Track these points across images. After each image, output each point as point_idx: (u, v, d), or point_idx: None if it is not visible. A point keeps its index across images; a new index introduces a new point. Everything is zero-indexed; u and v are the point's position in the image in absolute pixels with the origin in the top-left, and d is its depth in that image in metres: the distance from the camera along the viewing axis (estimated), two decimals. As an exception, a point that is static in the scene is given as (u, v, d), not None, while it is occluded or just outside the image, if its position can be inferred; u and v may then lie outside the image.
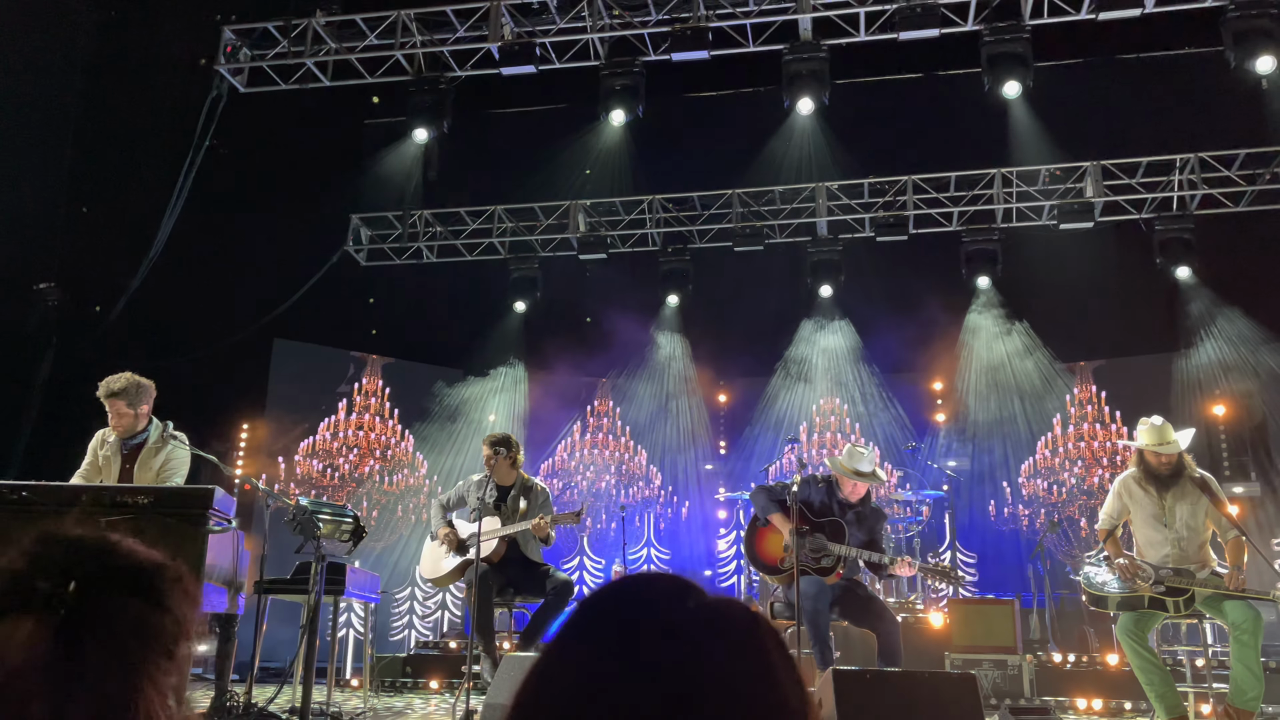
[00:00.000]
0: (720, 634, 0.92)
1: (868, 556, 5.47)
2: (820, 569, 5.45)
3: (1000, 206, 12.17)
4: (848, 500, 5.66)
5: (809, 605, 5.28)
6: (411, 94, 10.93)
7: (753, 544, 5.72)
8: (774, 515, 5.58)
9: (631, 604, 0.96)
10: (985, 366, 12.64)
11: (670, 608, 0.94)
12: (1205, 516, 5.46)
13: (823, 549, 5.45)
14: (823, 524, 5.53)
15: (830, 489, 5.69)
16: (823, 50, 10.17)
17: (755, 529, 5.74)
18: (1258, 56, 9.22)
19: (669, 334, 13.41)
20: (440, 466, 12.47)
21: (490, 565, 5.90)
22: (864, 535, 5.59)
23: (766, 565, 5.65)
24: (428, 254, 13.40)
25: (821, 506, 5.63)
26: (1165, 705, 5.09)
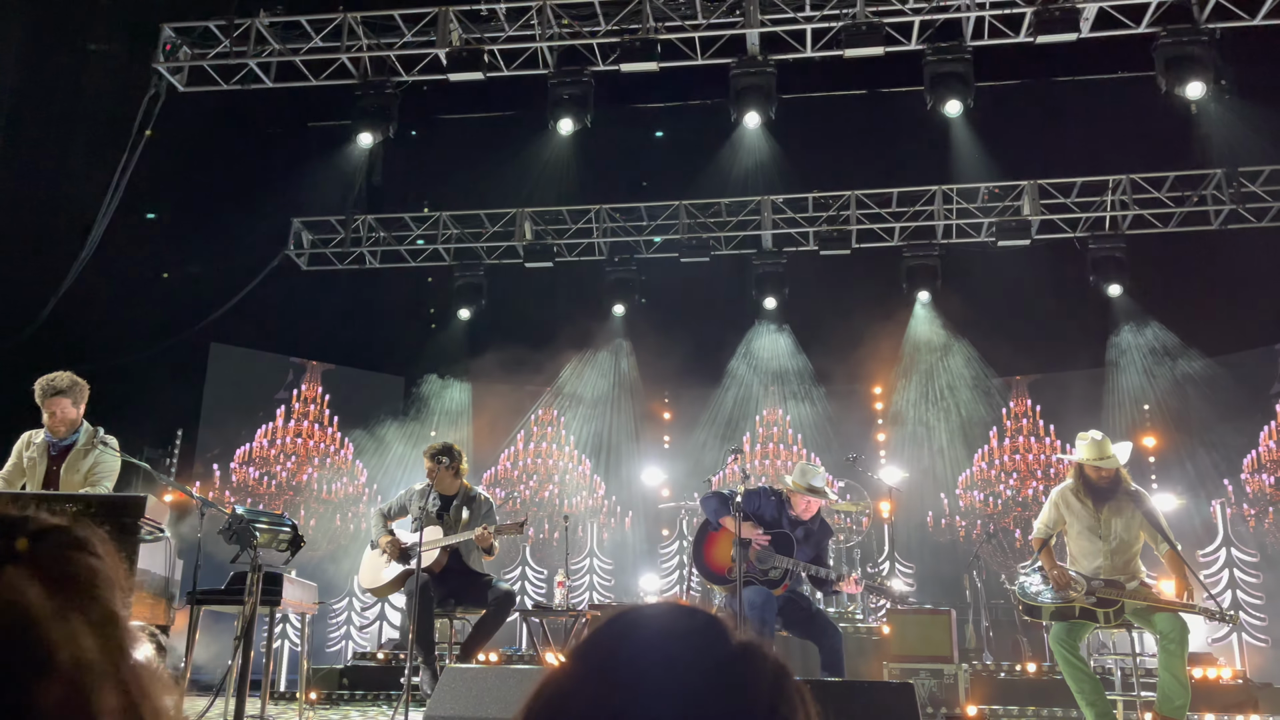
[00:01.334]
0: (749, 680, 0.90)
1: (815, 572, 5.51)
2: (768, 580, 5.48)
3: (940, 223, 12.40)
4: (798, 517, 5.70)
5: (755, 615, 5.30)
6: (357, 98, 10.80)
7: (701, 551, 5.73)
8: (726, 519, 5.60)
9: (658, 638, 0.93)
10: (925, 379, 12.85)
11: (700, 647, 0.91)
12: (1138, 529, 5.60)
13: (771, 560, 5.49)
14: (773, 535, 5.57)
15: (781, 504, 5.73)
16: (770, 65, 10.27)
17: (704, 536, 5.75)
18: (1187, 82, 9.51)
19: (614, 343, 13.41)
20: (381, 474, 12.30)
21: (431, 575, 5.83)
22: (811, 552, 5.64)
23: (714, 574, 5.66)
24: (371, 259, 13.24)
25: (771, 520, 5.66)
26: (1095, 712, 5.20)
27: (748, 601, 5.31)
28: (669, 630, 0.93)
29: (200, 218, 11.10)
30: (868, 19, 9.81)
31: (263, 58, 10.67)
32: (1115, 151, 11.88)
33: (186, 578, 5.33)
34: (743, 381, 13.30)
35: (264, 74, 10.80)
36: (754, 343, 13.28)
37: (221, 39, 10.65)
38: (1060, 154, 12.08)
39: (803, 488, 5.64)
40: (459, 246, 13.08)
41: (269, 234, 12.70)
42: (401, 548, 5.95)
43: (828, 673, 5.23)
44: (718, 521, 5.63)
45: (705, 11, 10.21)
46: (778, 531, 5.60)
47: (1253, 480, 10.76)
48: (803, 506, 5.67)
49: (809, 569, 5.49)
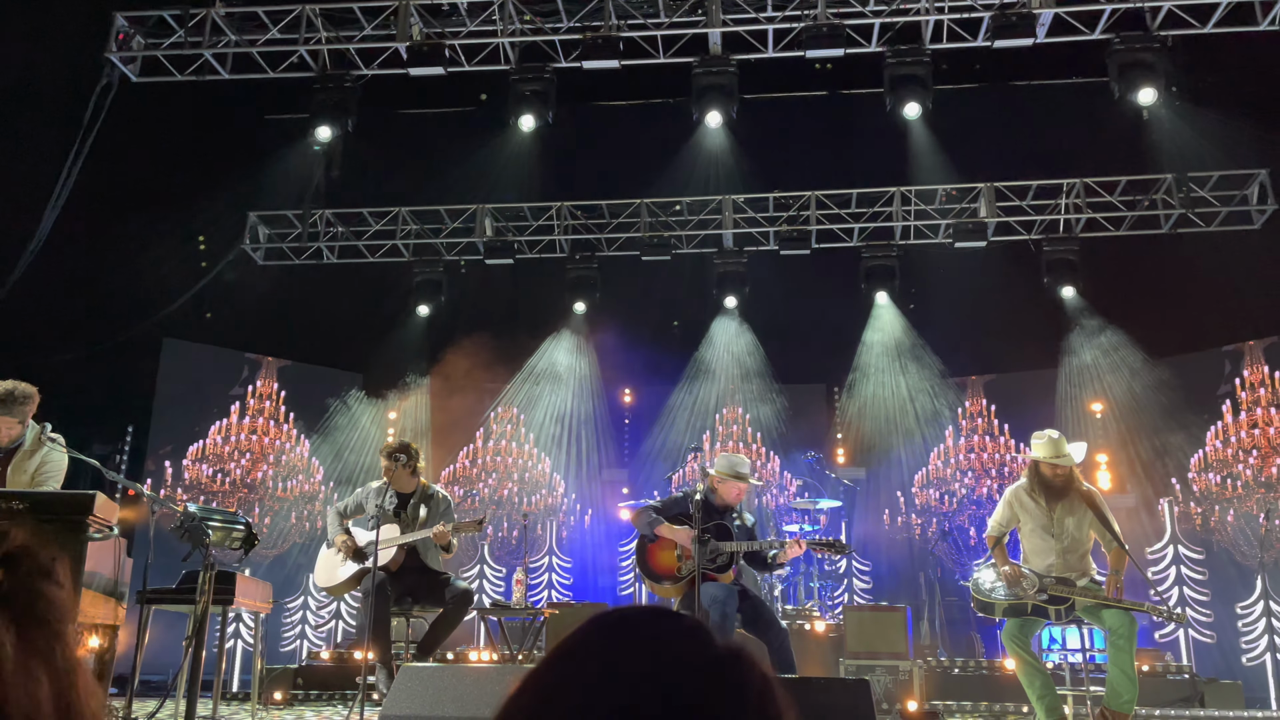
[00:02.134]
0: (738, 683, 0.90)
1: (759, 546, 5.57)
2: (717, 567, 5.52)
3: (899, 224, 12.53)
4: (723, 506, 5.76)
5: (718, 610, 5.32)
6: (315, 91, 10.66)
7: (645, 561, 5.75)
8: (661, 528, 5.63)
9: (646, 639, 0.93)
10: (883, 378, 12.98)
11: (688, 649, 0.91)
12: (1089, 528, 5.70)
13: (717, 549, 5.53)
14: (709, 529, 5.61)
15: (706, 503, 5.76)
16: (731, 65, 10.31)
17: (645, 546, 5.77)
18: (1139, 88, 9.70)
19: (575, 341, 13.38)
20: (337, 472, 12.18)
21: (388, 573, 5.77)
22: (743, 537, 5.70)
23: (663, 575, 5.68)
24: (328, 255, 13.10)
25: (703, 516, 5.69)
26: (1045, 707, 5.29)
27: (709, 595, 5.33)
28: (656, 632, 0.93)
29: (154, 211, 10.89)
30: (829, 20, 9.89)
31: (218, 48, 10.50)
32: (1069, 155, 12.09)
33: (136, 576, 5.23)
34: (703, 380, 13.34)
35: (220, 65, 10.63)
36: (714, 341, 13.32)
37: (176, 29, 10.46)
38: (1016, 157, 12.25)
39: (726, 473, 5.71)
40: (418, 243, 12.98)
41: (224, 228, 12.51)
42: (358, 546, 5.89)
43: (777, 668, 5.27)
44: (653, 534, 5.66)
45: (668, 10, 10.23)
46: (713, 524, 5.63)
47: (1199, 479, 10.99)
48: (734, 495, 5.73)
49: (752, 546, 5.55)
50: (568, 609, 8.44)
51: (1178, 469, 11.26)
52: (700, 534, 5.34)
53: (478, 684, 3.37)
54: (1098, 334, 12.23)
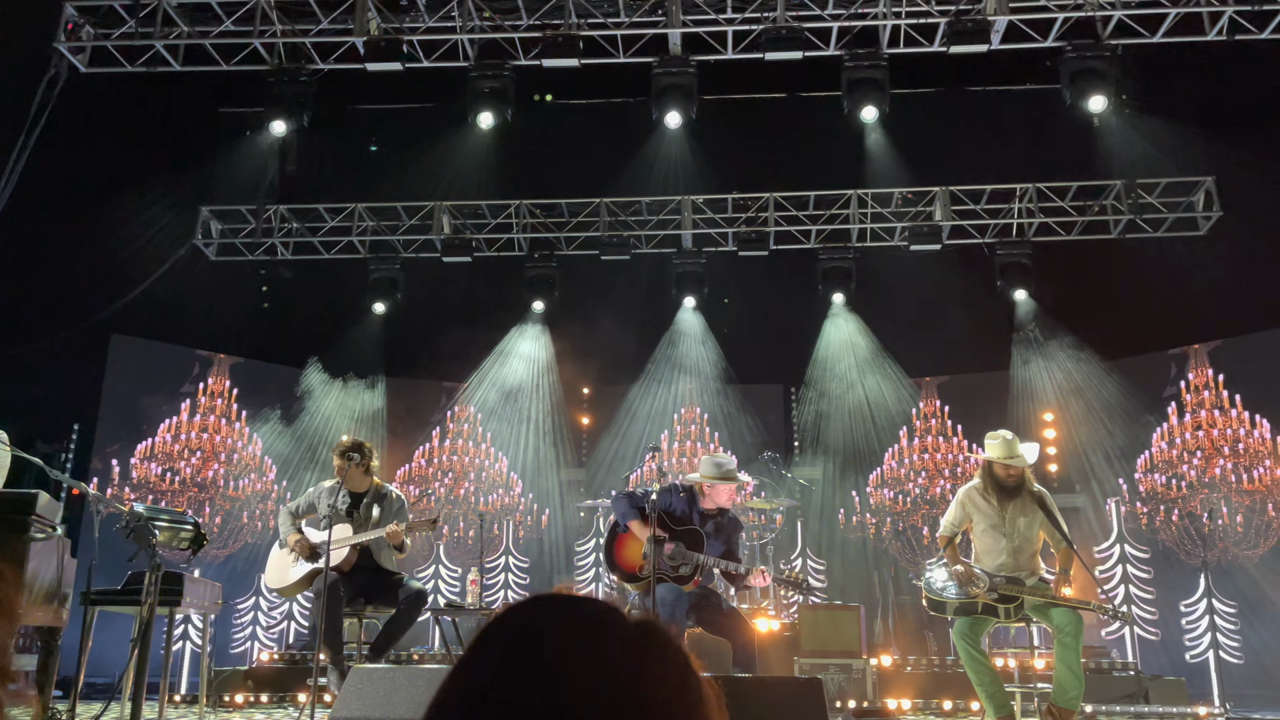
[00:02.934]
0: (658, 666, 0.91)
1: (725, 566, 5.55)
2: (678, 577, 5.51)
3: (856, 226, 12.64)
4: (707, 511, 5.74)
5: (665, 612, 5.32)
6: (270, 84, 10.53)
7: (612, 551, 5.73)
8: (633, 522, 5.60)
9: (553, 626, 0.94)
10: (839, 379, 13.09)
11: (602, 629, 0.93)
12: (1039, 528, 5.79)
13: (682, 557, 5.52)
14: (681, 533, 5.59)
15: (691, 499, 5.75)
16: (691, 66, 10.34)
17: (615, 536, 5.74)
18: (1090, 96, 9.88)
19: (533, 340, 13.33)
20: (290, 471, 12.02)
21: (340, 574, 5.71)
22: (722, 545, 5.68)
23: (626, 572, 5.66)
24: (283, 250, 12.92)
25: (682, 516, 5.68)
26: (994, 704, 5.37)
27: (659, 598, 5.33)
28: (570, 615, 0.95)
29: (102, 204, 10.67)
30: (788, 23, 9.95)
31: (170, 39, 10.32)
32: (1023, 161, 12.28)
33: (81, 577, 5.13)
34: (662, 379, 13.36)
35: (171, 57, 10.45)
36: (673, 341, 13.35)
37: (126, 19, 10.26)
38: (971, 162, 12.42)
39: (713, 476, 5.70)
40: (374, 239, 12.85)
41: (175, 222, 12.29)
42: (310, 546, 5.82)
43: (740, 668, 5.29)
44: (625, 524, 5.63)
45: (628, 10, 10.23)
46: (687, 528, 5.63)
47: (1146, 480, 11.22)
48: (725, 498, 5.72)
49: (719, 564, 5.54)
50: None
51: (1125, 470, 11.48)
52: (658, 535, 5.33)
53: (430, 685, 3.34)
54: (1049, 336, 12.44)
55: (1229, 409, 10.97)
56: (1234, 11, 9.62)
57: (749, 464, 12.55)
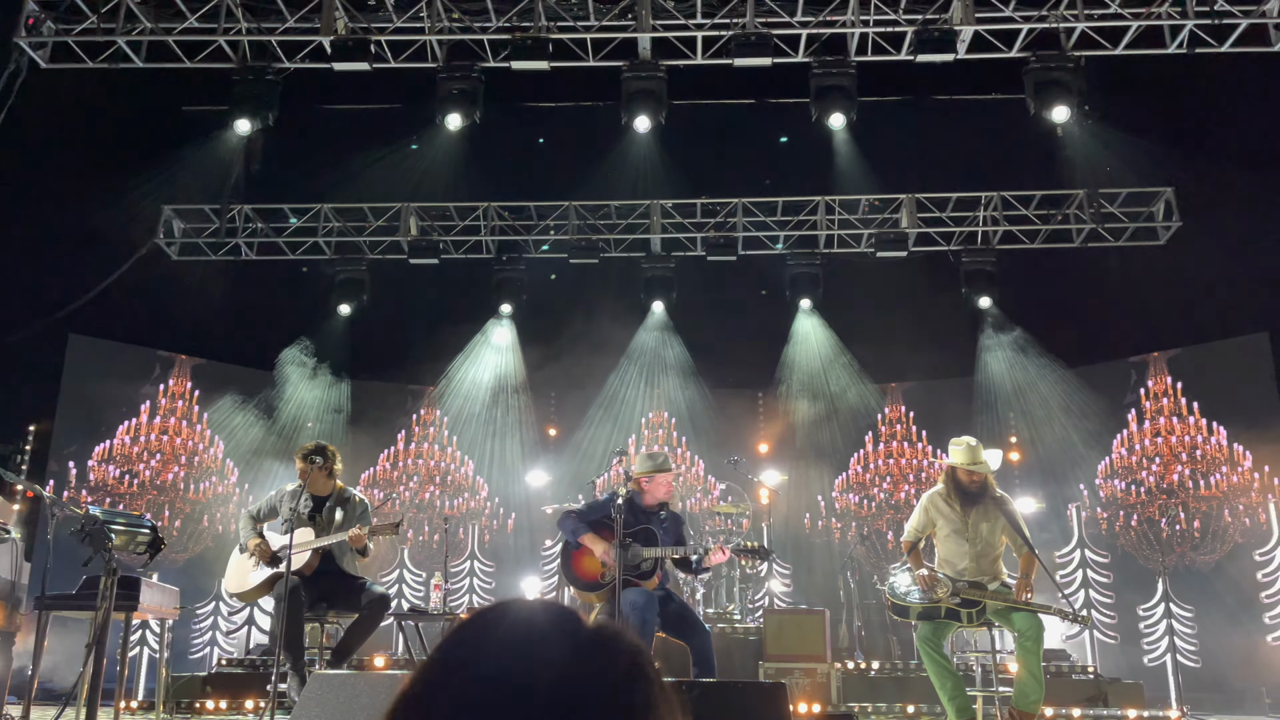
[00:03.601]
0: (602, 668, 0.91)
1: (683, 552, 5.58)
2: (641, 574, 5.52)
3: (823, 233, 12.71)
4: (650, 508, 5.77)
5: (638, 616, 5.31)
6: (235, 83, 10.39)
7: (569, 566, 5.73)
8: (584, 536, 5.61)
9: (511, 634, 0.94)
10: (806, 384, 13.15)
11: (556, 634, 0.94)
12: (1001, 533, 5.84)
13: (639, 556, 5.53)
14: (634, 533, 5.61)
15: (632, 504, 5.77)
16: (661, 70, 10.34)
17: (569, 553, 5.75)
18: (1053, 106, 10.01)
19: (500, 343, 13.28)
20: (252, 474, 11.88)
21: (302, 578, 5.63)
22: (671, 540, 5.72)
23: (587, 583, 5.66)
24: (247, 251, 12.77)
25: (629, 520, 5.70)
26: (956, 707, 5.41)
27: (629, 601, 5.32)
28: (525, 621, 0.95)
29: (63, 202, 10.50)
30: (757, 30, 9.99)
31: (133, 36, 10.16)
32: (988, 170, 12.40)
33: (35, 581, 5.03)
34: (629, 384, 13.36)
35: (134, 53, 10.29)
36: (641, 345, 13.35)
37: (89, 14, 10.09)
38: (937, 170, 12.54)
39: (650, 469, 5.74)
40: (340, 240, 12.74)
41: (137, 221, 12.10)
42: (270, 551, 5.74)
43: (699, 671, 5.29)
44: (577, 541, 5.64)
45: (598, 14, 10.22)
46: (638, 529, 5.63)
47: (1106, 485, 11.37)
48: (663, 490, 5.76)
49: (676, 551, 5.57)
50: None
51: (1086, 475, 11.63)
52: (621, 540, 5.32)
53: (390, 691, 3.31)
54: (1012, 343, 12.58)
55: (1187, 416, 11.15)
56: (1194, 25, 9.78)
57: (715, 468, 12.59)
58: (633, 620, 5.28)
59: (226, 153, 11.63)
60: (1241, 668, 10.09)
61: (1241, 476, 10.53)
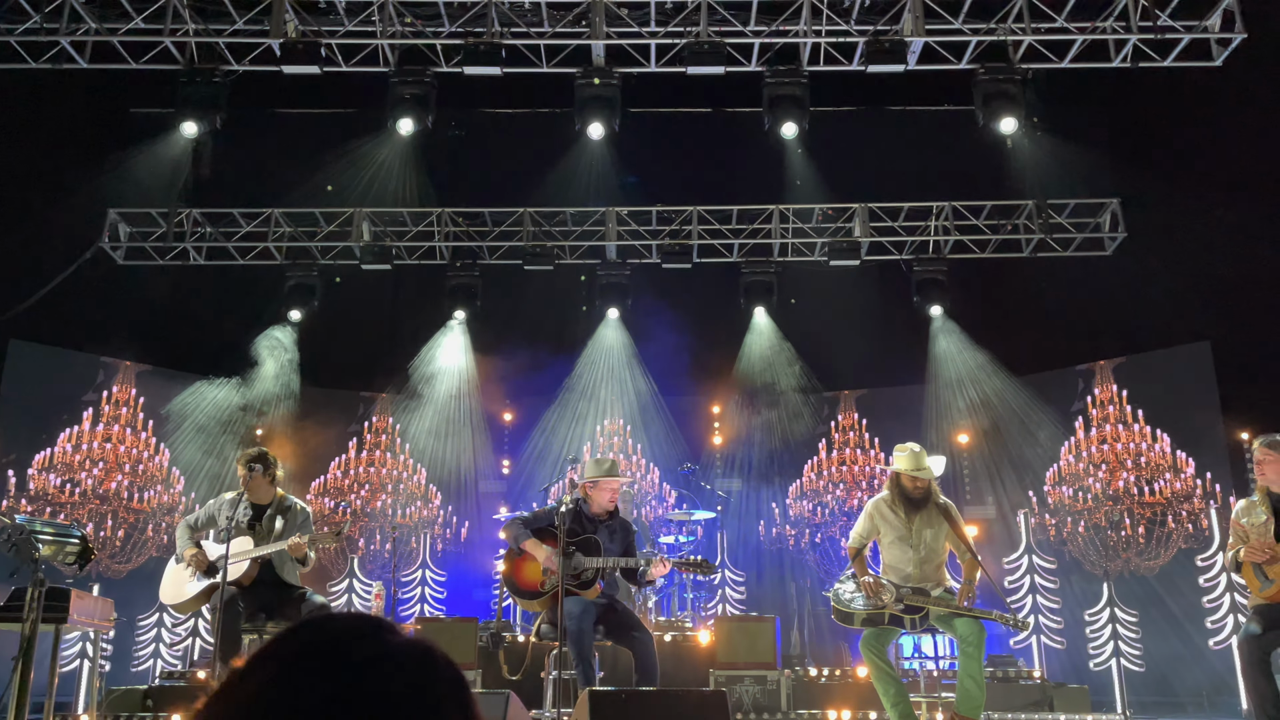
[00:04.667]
0: (395, 676, 0.89)
1: (624, 564, 5.56)
2: (581, 584, 5.49)
3: (777, 241, 12.78)
4: (597, 516, 5.75)
5: (574, 625, 5.29)
6: (182, 84, 10.24)
7: (512, 574, 5.69)
8: (527, 543, 5.58)
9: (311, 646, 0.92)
10: (760, 392, 13.20)
11: (349, 649, 0.91)
12: (945, 539, 5.89)
13: (581, 566, 5.50)
14: (577, 543, 5.58)
15: (578, 513, 5.75)
16: (615, 77, 10.35)
17: (513, 560, 5.72)
18: (1002, 117, 10.16)
19: (454, 349, 13.18)
20: (199, 483, 11.67)
21: (240, 589, 5.54)
22: (619, 550, 5.70)
23: (528, 592, 5.62)
24: (195, 255, 12.57)
25: (573, 528, 5.68)
26: (899, 713, 5.43)
27: (565, 612, 5.30)
28: (336, 636, 0.93)
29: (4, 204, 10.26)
30: (710, 39, 10.03)
31: (77, 36, 9.98)
32: (939, 180, 12.55)
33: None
34: (584, 391, 13.32)
35: (78, 54, 10.10)
36: (596, 352, 13.32)
37: (31, 14, 9.89)
38: (889, 179, 12.65)
39: (597, 475, 5.73)
40: (292, 245, 12.58)
41: (81, 225, 11.86)
42: (207, 561, 5.63)
43: (641, 678, 5.28)
44: (519, 548, 5.62)
45: (551, 20, 10.20)
46: (582, 538, 5.61)
47: (1054, 492, 11.52)
48: (609, 497, 5.74)
49: (618, 562, 5.55)
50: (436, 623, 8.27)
51: (1034, 482, 11.77)
52: (565, 548, 5.29)
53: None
54: (963, 351, 12.72)
55: (1132, 424, 11.33)
56: (1137, 40, 9.97)
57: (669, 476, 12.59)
58: (570, 629, 5.25)
59: (174, 155, 11.44)
60: (1184, 672, 10.25)
61: (1184, 483, 10.72)
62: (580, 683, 5.20)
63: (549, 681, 5.38)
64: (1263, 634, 5.01)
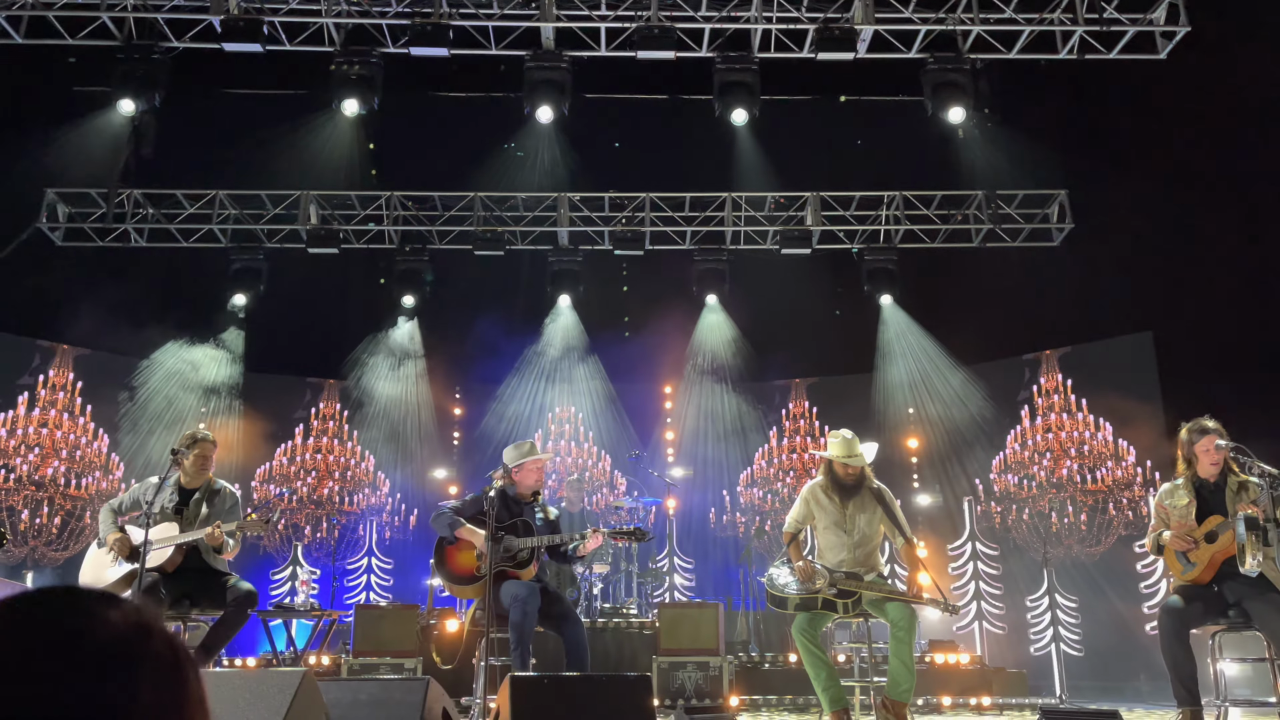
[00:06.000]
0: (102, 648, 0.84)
1: (557, 540, 5.53)
2: (517, 564, 5.45)
3: (730, 229, 12.76)
4: (523, 499, 5.72)
5: (519, 608, 5.24)
6: (120, 62, 10.00)
7: (444, 564, 5.63)
8: (462, 530, 5.52)
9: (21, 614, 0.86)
10: (712, 379, 13.20)
11: (59, 619, 0.85)
12: (879, 524, 5.90)
13: (514, 547, 5.46)
14: (507, 527, 5.54)
15: (504, 498, 5.70)
16: (564, 61, 10.26)
17: (443, 549, 5.65)
18: (950, 107, 10.20)
19: (403, 335, 13.04)
20: (139, 469, 11.45)
21: (163, 574, 5.42)
22: (546, 529, 5.67)
23: (462, 577, 5.56)
24: (136, 237, 12.30)
25: (501, 514, 5.64)
26: (830, 698, 5.44)
27: (510, 594, 5.25)
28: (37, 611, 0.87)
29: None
30: (660, 23, 9.96)
31: (13, 10, 9.71)
32: (890, 170, 12.59)
33: None
34: (536, 378, 13.24)
35: (13, 29, 9.83)
36: (548, 339, 13.24)
37: (-39, -14, 9.61)
38: (841, 169, 12.67)
39: (517, 458, 5.70)
40: (237, 228, 12.35)
41: (17, 205, 11.57)
42: (130, 545, 5.51)
43: (572, 663, 5.25)
44: (454, 536, 5.56)
45: (500, 1, 10.08)
46: (511, 522, 5.57)
47: (1000, 480, 11.64)
48: (533, 479, 5.71)
49: (552, 539, 5.52)
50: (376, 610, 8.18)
51: (980, 470, 11.89)
52: (495, 532, 5.23)
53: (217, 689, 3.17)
54: (912, 340, 12.79)
55: (1076, 413, 11.47)
56: (1084, 32, 10.06)
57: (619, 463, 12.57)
58: (514, 613, 5.21)
59: (114, 134, 11.18)
60: (1122, 656, 10.42)
61: (1125, 471, 10.88)
62: (516, 668, 5.15)
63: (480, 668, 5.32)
64: (1185, 606, 5.08)
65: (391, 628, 8.23)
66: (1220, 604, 5.11)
